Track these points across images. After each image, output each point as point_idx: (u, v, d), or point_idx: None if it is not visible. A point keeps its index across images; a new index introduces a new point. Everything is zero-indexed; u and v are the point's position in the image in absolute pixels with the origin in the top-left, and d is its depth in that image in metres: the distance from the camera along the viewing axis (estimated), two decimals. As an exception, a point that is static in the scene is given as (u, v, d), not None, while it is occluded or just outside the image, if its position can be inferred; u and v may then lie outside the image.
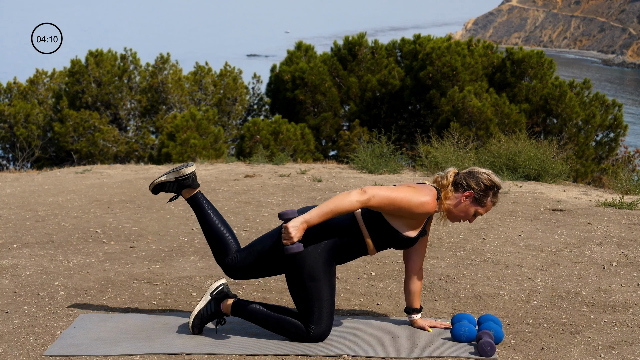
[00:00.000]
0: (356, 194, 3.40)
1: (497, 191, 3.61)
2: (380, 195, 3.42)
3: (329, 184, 8.10)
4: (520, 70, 15.70)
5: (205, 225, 3.76)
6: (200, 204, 3.79)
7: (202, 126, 14.94)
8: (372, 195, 3.41)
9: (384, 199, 3.42)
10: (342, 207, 3.38)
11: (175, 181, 3.80)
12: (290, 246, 3.35)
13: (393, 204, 3.44)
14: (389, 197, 3.43)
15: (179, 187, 3.80)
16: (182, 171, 3.78)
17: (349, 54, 16.74)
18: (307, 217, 3.38)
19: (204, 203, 3.79)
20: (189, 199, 3.81)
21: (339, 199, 3.39)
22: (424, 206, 3.47)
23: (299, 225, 3.36)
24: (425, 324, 3.76)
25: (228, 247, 3.71)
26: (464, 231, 5.92)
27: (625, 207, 6.93)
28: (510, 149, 9.24)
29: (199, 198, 3.80)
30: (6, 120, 16.61)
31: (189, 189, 3.80)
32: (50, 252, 5.18)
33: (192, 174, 3.80)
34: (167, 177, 3.81)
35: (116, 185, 8.31)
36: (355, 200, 3.39)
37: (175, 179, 3.80)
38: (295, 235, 3.34)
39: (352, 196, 3.39)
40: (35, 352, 3.45)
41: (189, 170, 3.78)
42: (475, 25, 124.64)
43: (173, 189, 3.82)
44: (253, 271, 3.66)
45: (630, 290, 4.50)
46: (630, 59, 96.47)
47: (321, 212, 3.38)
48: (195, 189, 3.81)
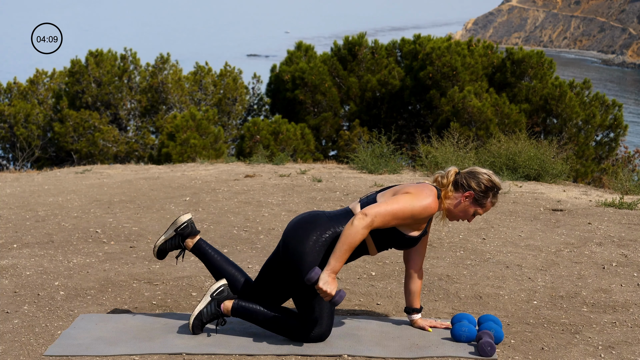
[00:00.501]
0: (360, 222, 3.41)
1: (497, 192, 3.61)
2: (382, 214, 3.44)
3: (329, 184, 8.09)
4: (520, 70, 15.69)
5: (213, 270, 3.84)
6: (204, 250, 3.86)
7: (202, 126, 14.94)
8: (374, 216, 3.42)
9: (386, 216, 3.44)
10: (354, 241, 3.41)
11: (176, 234, 3.86)
12: (335, 299, 3.39)
13: (396, 217, 3.45)
14: (391, 212, 3.45)
15: (181, 239, 3.86)
16: (178, 221, 3.86)
17: (349, 54, 16.74)
18: (331, 268, 3.40)
19: (207, 248, 3.86)
20: (193, 249, 3.87)
21: (348, 236, 3.41)
22: (427, 210, 3.48)
23: (329, 279, 3.38)
24: (425, 324, 3.76)
25: (238, 285, 3.78)
26: (464, 231, 5.92)
27: (625, 207, 6.93)
28: (510, 149, 9.24)
29: (202, 245, 3.87)
30: (6, 120, 16.61)
31: (190, 237, 3.86)
32: (50, 252, 5.18)
33: (190, 221, 3.87)
34: (166, 234, 3.89)
35: (116, 185, 8.31)
36: (362, 228, 3.41)
37: (174, 231, 3.87)
38: (332, 288, 3.37)
39: (358, 226, 3.41)
40: (35, 352, 3.45)
41: (185, 218, 3.86)
42: (475, 25, 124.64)
43: (176, 243, 3.88)
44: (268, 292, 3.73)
45: (630, 290, 4.50)
46: (630, 59, 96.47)
47: (339, 256, 3.41)
48: (196, 236, 3.88)
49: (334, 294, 3.38)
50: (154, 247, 3.89)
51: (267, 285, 3.70)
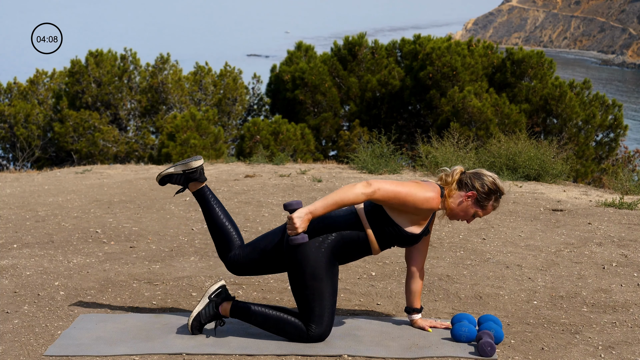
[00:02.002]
0: (361, 187, 3.40)
1: (499, 196, 3.62)
2: (385, 189, 3.42)
3: (329, 184, 8.10)
4: (520, 70, 15.70)
5: (210, 220, 3.77)
6: (207, 198, 3.80)
7: (202, 126, 14.94)
8: (378, 188, 3.41)
9: (388, 192, 3.43)
10: (347, 198, 3.38)
11: (183, 174, 3.81)
12: (295, 237, 3.36)
13: (397, 197, 3.44)
14: (394, 191, 3.44)
15: (186, 180, 3.81)
16: (190, 164, 3.79)
17: (349, 54, 16.75)
18: (312, 208, 3.38)
19: (210, 197, 3.80)
20: (195, 193, 3.82)
21: (344, 191, 3.39)
22: (429, 202, 3.48)
23: (303, 216, 3.36)
24: (425, 324, 3.76)
25: (232, 243, 3.72)
26: (464, 231, 5.92)
27: (625, 207, 6.93)
28: (510, 149, 9.24)
29: (205, 192, 3.81)
30: (6, 120, 16.61)
31: (195, 182, 3.82)
32: (50, 252, 5.18)
33: (200, 168, 3.81)
34: (174, 169, 3.82)
35: (116, 185, 8.31)
36: (361, 193, 3.39)
37: (182, 171, 3.81)
38: (300, 225, 3.35)
39: (357, 188, 3.40)
40: (35, 352, 3.45)
41: (196, 163, 3.80)
42: (475, 26, 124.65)
43: (180, 181, 3.83)
44: (255, 267, 3.68)
45: (630, 290, 4.50)
46: (630, 59, 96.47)
47: (326, 203, 3.38)
48: (202, 183, 3.83)
49: (299, 232, 3.36)
50: (158, 174, 3.84)
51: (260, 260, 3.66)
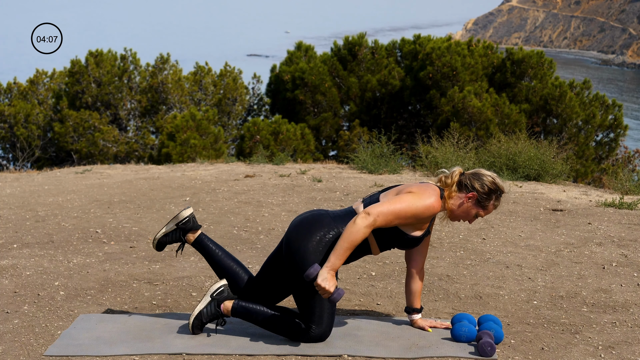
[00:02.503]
0: (362, 221, 3.42)
1: (500, 195, 3.62)
2: (384, 213, 3.44)
3: (329, 184, 8.09)
4: (520, 70, 15.70)
5: (214, 265, 3.82)
6: (205, 244, 3.84)
7: (202, 126, 14.94)
8: (377, 215, 3.43)
9: (389, 215, 3.44)
10: (356, 239, 3.41)
11: (177, 228, 3.84)
12: (335, 296, 3.39)
13: (399, 216, 3.45)
14: (394, 212, 3.45)
15: (182, 233, 3.84)
16: (180, 215, 3.83)
17: (349, 54, 16.75)
18: (330, 265, 3.40)
19: (208, 243, 3.85)
20: (194, 243, 3.86)
21: (349, 234, 3.41)
22: (430, 209, 3.48)
23: (327, 275, 3.38)
24: (425, 324, 3.76)
25: (240, 280, 3.77)
26: (464, 231, 5.92)
27: (625, 207, 6.93)
28: (510, 149, 9.23)
29: (203, 240, 3.85)
30: (6, 120, 16.61)
31: (191, 232, 3.84)
32: (50, 252, 5.18)
33: (191, 216, 3.85)
34: (167, 227, 3.86)
35: (116, 185, 8.31)
36: (364, 227, 3.41)
37: (175, 225, 3.84)
38: (330, 284, 3.37)
39: (360, 225, 3.41)
40: (35, 352, 3.45)
41: (187, 212, 3.83)
42: (475, 26, 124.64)
43: (176, 237, 3.86)
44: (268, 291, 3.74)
45: (630, 290, 4.50)
46: (630, 59, 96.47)
47: (340, 254, 3.41)
48: (198, 231, 3.86)
49: (332, 291, 3.37)
50: (154, 239, 3.87)
51: (268, 282, 3.70)
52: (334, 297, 3.39)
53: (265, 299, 3.71)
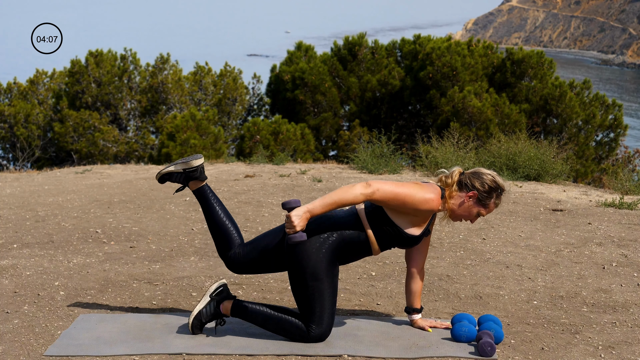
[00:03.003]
0: (360, 187, 3.41)
1: (500, 193, 3.62)
2: (385, 189, 3.42)
3: (329, 184, 8.10)
4: (520, 70, 15.70)
5: (210, 218, 3.76)
6: (207, 196, 3.78)
7: (202, 126, 14.95)
8: (377, 188, 3.41)
9: (388, 193, 3.43)
10: (346, 198, 3.39)
11: (183, 172, 3.79)
12: (294, 235, 3.36)
13: (397, 198, 3.44)
14: (394, 192, 3.44)
15: (186, 179, 3.80)
16: (190, 163, 3.77)
17: (349, 54, 16.75)
18: (311, 207, 3.39)
19: (210, 196, 3.79)
20: (196, 191, 3.81)
21: (343, 191, 3.40)
22: (428, 203, 3.47)
23: (302, 214, 3.37)
24: (425, 324, 3.76)
25: (232, 241, 3.71)
26: (464, 231, 5.92)
27: (625, 207, 6.93)
28: (510, 149, 9.23)
29: (205, 190, 3.79)
30: (6, 120, 16.61)
31: (196, 181, 3.80)
32: (50, 252, 5.18)
33: (200, 167, 3.79)
34: (175, 167, 3.80)
35: (116, 185, 8.31)
36: (360, 193, 3.39)
37: (183, 170, 3.79)
38: (298, 224, 3.35)
39: (357, 189, 3.40)
40: (35, 352, 3.45)
41: (197, 162, 3.78)
42: (475, 26, 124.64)
43: (180, 179, 3.81)
44: (255, 266, 3.67)
45: (630, 290, 4.50)
46: (630, 59, 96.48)
47: (325, 203, 3.39)
48: (203, 182, 3.81)
49: (297, 230, 3.36)
50: (158, 173, 3.82)
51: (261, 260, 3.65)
52: (295, 237, 3.35)
53: (250, 269, 3.69)
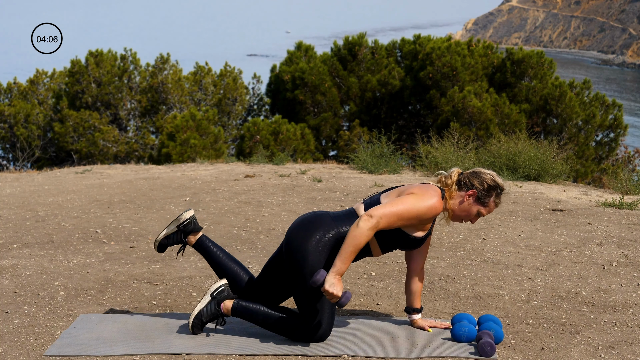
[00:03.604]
0: (365, 224, 3.42)
1: (500, 192, 3.62)
2: (387, 215, 3.44)
3: (329, 184, 8.09)
4: (520, 70, 15.70)
5: (215, 266, 3.83)
6: (206, 246, 3.85)
7: (202, 126, 14.94)
8: (379, 217, 3.43)
9: (392, 217, 3.45)
10: (360, 243, 3.42)
11: (178, 230, 3.84)
12: (343, 300, 3.39)
13: (402, 217, 3.46)
14: (397, 213, 3.45)
15: (183, 235, 3.85)
16: (181, 217, 3.83)
17: (349, 54, 16.74)
18: (337, 269, 3.41)
19: (209, 245, 3.85)
20: (195, 245, 3.86)
21: (353, 238, 3.42)
22: (432, 210, 3.49)
23: (334, 280, 3.39)
24: (425, 324, 3.76)
25: (240, 282, 3.79)
26: (464, 231, 5.92)
27: (625, 207, 6.93)
28: (510, 149, 9.24)
29: (204, 241, 3.85)
30: (6, 120, 16.61)
31: (192, 234, 3.85)
32: (50, 252, 5.18)
33: (192, 218, 3.85)
34: (168, 229, 3.86)
35: (116, 185, 8.31)
36: (367, 230, 3.42)
37: (177, 227, 3.84)
38: (337, 289, 3.38)
39: (363, 228, 3.42)
40: (35, 352, 3.45)
41: (188, 214, 3.83)
42: (475, 26, 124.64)
43: (177, 239, 3.86)
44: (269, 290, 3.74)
45: (630, 290, 4.50)
46: (630, 59, 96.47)
47: (345, 258, 3.42)
48: (199, 233, 3.86)
49: (340, 296, 3.38)
50: (155, 241, 3.87)
51: (268, 284, 3.71)
52: (342, 302, 3.40)
53: (266, 300, 3.71)
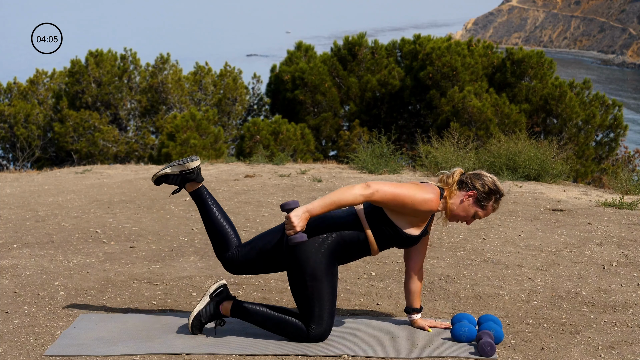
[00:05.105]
0: (360, 188, 3.41)
1: (499, 197, 3.63)
2: (384, 190, 3.43)
3: (329, 184, 8.10)
4: (520, 70, 15.70)
5: (207, 220, 3.75)
6: (203, 198, 3.77)
7: (202, 126, 14.94)
8: (376, 189, 3.41)
9: (387, 194, 3.43)
10: (345, 199, 3.39)
11: (179, 174, 3.77)
12: (294, 236, 3.35)
13: (396, 199, 3.44)
14: (393, 193, 3.44)
15: (183, 180, 3.78)
16: (186, 165, 3.75)
17: (349, 54, 16.74)
18: (310, 207, 3.39)
19: (207, 197, 3.78)
20: (192, 193, 3.79)
21: (342, 192, 3.40)
22: (428, 203, 3.48)
23: (301, 214, 3.36)
24: (425, 324, 3.76)
25: (229, 242, 3.70)
26: (464, 231, 5.92)
27: (625, 207, 6.93)
28: (510, 149, 9.24)
29: (202, 192, 3.78)
30: (6, 120, 16.61)
31: (192, 182, 3.79)
32: (50, 252, 5.18)
33: (197, 168, 3.78)
34: (171, 169, 3.78)
35: (116, 185, 8.31)
36: (359, 194, 3.40)
37: (179, 172, 3.77)
38: (298, 224, 3.35)
39: (356, 189, 3.40)
40: (35, 352, 3.45)
41: (193, 164, 3.76)
42: (475, 26, 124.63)
43: (176, 181, 3.79)
44: (253, 267, 3.67)
45: (630, 290, 4.50)
46: (630, 59, 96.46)
47: (324, 203, 3.39)
48: (199, 183, 3.80)
49: (297, 231, 3.36)
50: (154, 175, 3.81)
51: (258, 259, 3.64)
52: (295, 237, 3.35)
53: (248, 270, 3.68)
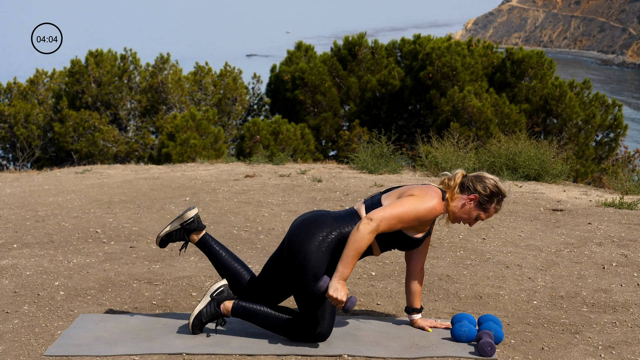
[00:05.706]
0: (365, 227, 3.42)
1: (501, 199, 3.63)
2: (387, 217, 3.44)
3: (329, 184, 8.09)
4: (520, 70, 15.69)
5: (217, 264, 3.82)
6: (209, 244, 3.83)
7: (202, 126, 14.94)
8: (379, 220, 3.43)
9: (391, 219, 3.45)
10: (361, 247, 3.42)
11: (181, 228, 3.83)
12: (347, 305, 3.39)
13: (402, 220, 3.46)
14: (397, 216, 3.45)
15: (186, 233, 3.83)
16: (185, 216, 3.82)
17: (349, 54, 16.74)
18: (340, 274, 3.41)
19: (212, 243, 3.84)
20: (198, 243, 3.85)
21: (354, 242, 3.41)
22: (432, 212, 3.49)
23: (338, 286, 3.39)
24: (425, 324, 3.77)
25: (243, 281, 3.78)
26: (464, 231, 5.92)
27: (625, 207, 6.93)
28: (510, 149, 9.23)
29: (207, 239, 3.84)
30: (6, 120, 16.61)
31: (195, 232, 3.84)
32: (50, 252, 5.18)
33: (196, 216, 3.84)
34: (171, 226, 3.84)
35: (116, 185, 8.31)
36: (368, 233, 3.42)
37: (180, 225, 3.83)
38: (341, 294, 3.38)
39: (363, 232, 3.41)
40: (35, 352, 3.45)
41: (192, 213, 3.82)
42: (475, 26, 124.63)
43: (180, 236, 3.84)
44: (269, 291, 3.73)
45: (630, 290, 4.50)
46: (630, 59, 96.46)
47: (348, 262, 3.42)
48: (202, 231, 3.85)
49: (345, 301, 3.39)
50: (157, 237, 3.86)
51: (269, 283, 3.70)
52: (348, 306, 3.40)
53: (266, 299, 3.71)
